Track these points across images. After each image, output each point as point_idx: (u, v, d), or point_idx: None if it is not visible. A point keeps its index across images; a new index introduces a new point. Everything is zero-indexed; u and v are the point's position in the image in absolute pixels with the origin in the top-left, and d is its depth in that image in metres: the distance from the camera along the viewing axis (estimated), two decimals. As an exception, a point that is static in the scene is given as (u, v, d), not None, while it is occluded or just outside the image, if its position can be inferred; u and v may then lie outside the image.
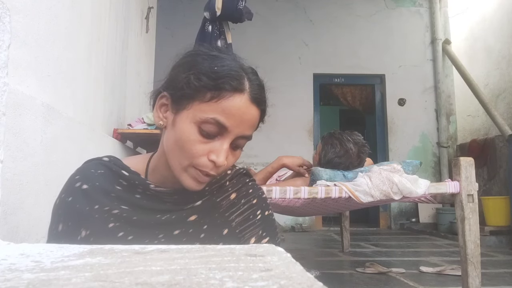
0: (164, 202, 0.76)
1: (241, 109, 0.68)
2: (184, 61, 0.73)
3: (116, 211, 0.72)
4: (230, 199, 0.79)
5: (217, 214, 0.77)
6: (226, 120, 0.67)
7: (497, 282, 2.19)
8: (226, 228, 0.77)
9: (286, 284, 0.29)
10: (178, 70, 0.73)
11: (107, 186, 0.73)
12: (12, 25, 0.63)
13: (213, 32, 2.81)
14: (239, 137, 0.70)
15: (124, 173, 0.75)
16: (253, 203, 0.80)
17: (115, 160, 0.77)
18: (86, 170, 0.75)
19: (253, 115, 0.71)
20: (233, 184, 0.81)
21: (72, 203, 0.71)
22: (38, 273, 0.34)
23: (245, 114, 0.69)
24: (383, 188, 1.74)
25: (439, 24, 5.47)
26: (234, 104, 0.68)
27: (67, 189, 0.73)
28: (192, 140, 0.68)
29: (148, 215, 0.73)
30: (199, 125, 0.68)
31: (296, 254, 1.49)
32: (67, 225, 0.70)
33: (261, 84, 0.74)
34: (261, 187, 0.86)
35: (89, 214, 0.70)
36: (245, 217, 0.78)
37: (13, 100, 1.04)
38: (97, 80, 1.96)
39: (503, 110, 4.19)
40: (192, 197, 0.77)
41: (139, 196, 0.75)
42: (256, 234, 0.78)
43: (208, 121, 0.67)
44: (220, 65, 0.70)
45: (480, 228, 2.28)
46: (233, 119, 0.68)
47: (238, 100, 0.68)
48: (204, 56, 0.72)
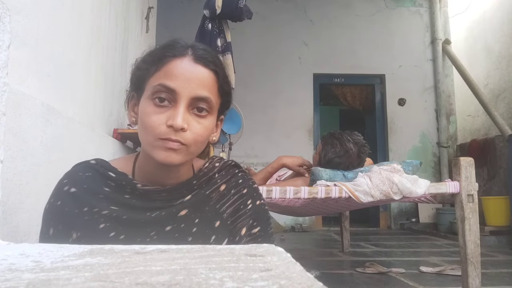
0: (154, 200, 0.76)
1: (184, 68, 0.71)
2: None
3: (106, 212, 0.72)
4: (220, 191, 0.79)
5: (207, 207, 0.77)
6: (172, 82, 0.69)
7: (497, 282, 2.19)
8: (218, 220, 0.77)
9: (286, 284, 0.29)
10: (132, 68, 0.78)
11: (95, 188, 0.74)
12: (12, 25, 0.63)
13: (212, 30, 2.81)
14: (194, 98, 0.70)
15: (111, 175, 0.76)
16: (243, 193, 0.80)
17: (102, 162, 0.78)
18: (73, 173, 0.76)
19: (201, 74, 0.72)
20: (222, 175, 0.81)
21: (61, 206, 0.72)
22: (38, 273, 0.34)
23: (190, 73, 0.71)
24: (383, 188, 1.74)
25: (439, 24, 5.47)
26: (175, 65, 0.71)
27: (55, 193, 0.74)
28: (148, 113, 0.70)
29: (138, 213, 0.74)
30: (152, 98, 0.70)
31: (296, 254, 1.48)
32: (57, 229, 0.71)
33: (208, 49, 0.76)
34: (252, 178, 0.85)
35: (78, 216, 0.71)
36: (235, 207, 0.78)
37: (13, 100, 1.04)
38: (97, 80, 1.96)
39: (503, 110, 4.19)
40: (181, 192, 0.77)
41: (128, 196, 0.75)
42: (247, 224, 0.77)
43: (157, 90, 0.70)
44: (164, 44, 0.74)
45: (480, 228, 2.27)
46: (178, 80, 0.70)
47: (179, 61, 0.71)
48: (156, 46, 0.77)
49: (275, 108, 5.16)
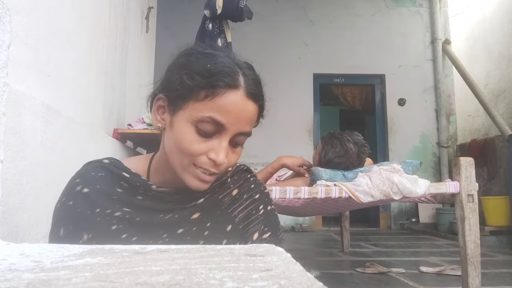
0: (166, 202, 0.76)
1: (237, 105, 0.68)
2: (178, 61, 0.73)
3: (119, 213, 0.71)
4: (232, 195, 0.79)
5: (219, 211, 0.77)
6: (222, 117, 0.67)
7: (497, 282, 2.19)
8: (230, 225, 0.77)
9: (286, 284, 0.29)
10: (172, 71, 0.73)
11: (108, 189, 0.73)
12: (12, 25, 0.63)
13: (213, 31, 2.81)
14: (237, 134, 0.69)
15: (125, 175, 0.75)
16: (256, 198, 0.80)
17: (115, 162, 0.77)
18: (86, 173, 0.74)
19: (250, 111, 0.70)
20: (235, 180, 0.81)
21: (73, 207, 0.71)
22: (38, 273, 0.34)
23: (242, 110, 0.68)
24: (383, 188, 1.74)
25: (439, 24, 5.47)
26: (229, 101, 0.67)
27: (67, 192, 0.73)
28: (190, 140, 0.68)
29: (151, 215, 0.73)
30: (196, 125, 0.67)
31: (296, 254, 1.48)
32: (68, 229, 0.70)
33: (257, 79, 0.73)
34: (263, 182, 0.86)
35: (90, 217, 0.70)
36: (247, 212, 0.78)
37: (13, 100, 1.04)
38: (97, 80, 1.96)
39: (503, 110, 4.19)
40: (194, 195, 0.76)
41: (140, 197, 0.75)
42: (259, 230, 0.77)
43: (205, 120, 0.67)
44: (213, 62, 0.69)
45: (480, 228, 2.27)
46: (230, 116, 0.67)
47: (233, 97, 0.67)
48: (197, 55, 0.71)
49: (275, 108, 5.14)
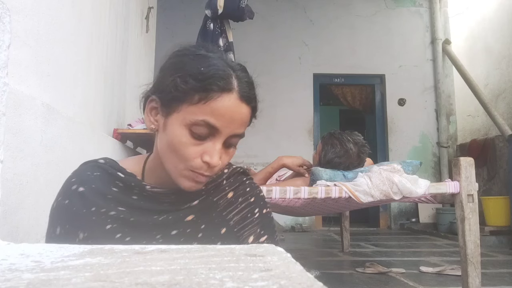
0: (161, 203, 0.76)
1: (230, 108, 0.68)
2: (170, 62, 0.73)
3: (113, 213, 0.72)
4: (227, 198, 0.79)
5: (214, 214, 0.77)
6: (216, 121, 0.67)
7: (497, 282, 2.19)
8: (224, 227, 0.77)
9: (286, 284, 0.29)
10: (165, 72, 0.72)
11: (104, 188, 0.73)
12: (12, 25, 0.63)
13: (214, 30, 2.81)
14: (231, 136, 0.70)
15: (120, 175, 0.75)
16: (251, 202, 0.80)
17: (111, 162, 0.77)
18: (82, 172, 0.75)
19: (244, 113, 0.70)
20: (230, 183, 0.81)
21: (68, 206, 0.71)
22: (38, 273, 0.34)
23: (235, 113, 0.69)
24: (383, 188, 1.74)
25: (439, 24, 5.47)
26: (223, 104, 0.67)
27: (63, 192, 0.73)
28: (184, 143, 0.68)
29: (145, 216, 0.73)
30: (190, 128, 0.67)
31: (296, 254, 1.49)
32: (64, 228, 0.70)
33: (250, 81, 0.73)
34: (259, 185, 0.86)
35: (86, 216, 0.70)
36: (243, 215, 0.78)
37: (13, 100, 1.04)
38: (97, 80, 1.96)
39: (503, 110, 4.19)
40: (189, 197, 0.76)
41: (135, 197, 0.75)
42: (255, 233, 0.77)
43: (198, 123, 0.67)
44: (206, 65, 0.68)
45: (480, 228, 2.27)
46: (223, 119, 0.67)
47: (227, 100, 0.67)
48: (190, 56, 0.71)
49: (275, 108, 5.16)
